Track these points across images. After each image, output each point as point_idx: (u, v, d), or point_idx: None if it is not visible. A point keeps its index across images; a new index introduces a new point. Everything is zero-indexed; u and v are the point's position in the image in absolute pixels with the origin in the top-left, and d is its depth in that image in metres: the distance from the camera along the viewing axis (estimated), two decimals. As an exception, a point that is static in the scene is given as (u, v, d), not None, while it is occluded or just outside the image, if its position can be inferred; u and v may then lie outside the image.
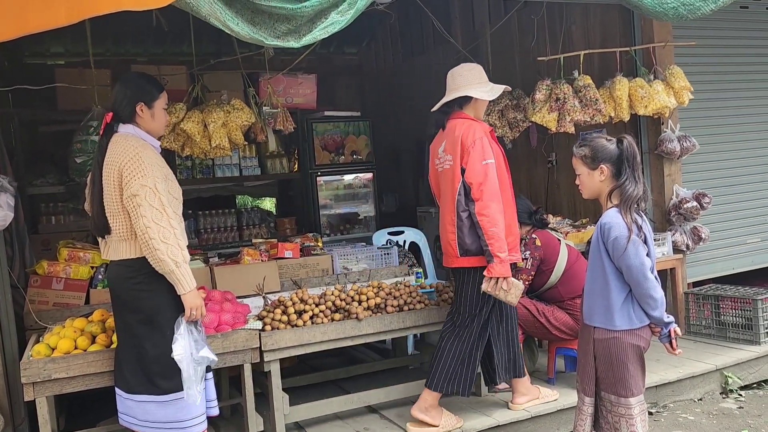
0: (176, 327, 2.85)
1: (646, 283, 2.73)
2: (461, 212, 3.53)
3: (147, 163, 2.83)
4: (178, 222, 2.88)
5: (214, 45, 6.80)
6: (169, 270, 2.79)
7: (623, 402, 2.84)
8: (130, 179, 2.80)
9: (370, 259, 4.95)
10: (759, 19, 5.54)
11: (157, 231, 2.76)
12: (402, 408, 4.00)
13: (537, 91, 4.84)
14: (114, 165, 2.85)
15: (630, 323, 2.80)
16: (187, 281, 2.83)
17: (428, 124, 8.16)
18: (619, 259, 2.75)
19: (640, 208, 2.84)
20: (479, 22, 6.86)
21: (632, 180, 2.80)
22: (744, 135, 5.51)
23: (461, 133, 3.58)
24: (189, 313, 2.86)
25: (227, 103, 4.42)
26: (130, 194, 2.79)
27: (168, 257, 2.76)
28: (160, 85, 3.13)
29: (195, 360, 2.84)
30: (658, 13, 3.96)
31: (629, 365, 2.82)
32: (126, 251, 2.91)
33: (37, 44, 6.96)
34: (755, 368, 4.62)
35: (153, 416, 2.92)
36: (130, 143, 2.88)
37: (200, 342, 2.89)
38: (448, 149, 3.65)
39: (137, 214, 2.78)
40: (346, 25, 3.12)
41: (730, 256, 5.45)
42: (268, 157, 7.10)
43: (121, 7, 2.60)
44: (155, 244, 2.75)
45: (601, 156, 2.88)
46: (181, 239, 2.84)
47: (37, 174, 6.00)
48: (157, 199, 2.79)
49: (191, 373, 2.82)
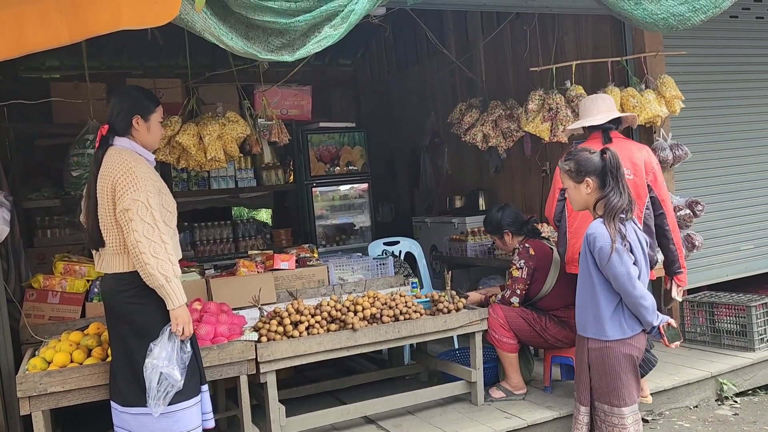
0: (165, 331, 2.85)
1: (634, 292, 2.77)
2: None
3: (140, 178, 2.85)
4: (170, 236, 2.89)
5: (209, 58, 6.83)
6: (159, 284, 2.80)
7: (616, 412, 2.86)
8: (122, 193, 2.81)
9: (365, 269, 4.96)
10: (749, 29, 5.59)
11: (147, 245, 2.77)
12: (399, 418, 4.00)
13: (530, 101, 4.88)
14: (108, 178, 2.87)
15: (622, 333, 2.84)
16: (176, 296, 2.84)
17: (423, 134, 8.18)
18: (605, 269, 2.80)
19: (626, 219, 2.86)
20: (472, 34, 6.91)
21: (616, 191, 2.84)
22: (736, 143, 5.55)
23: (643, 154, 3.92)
24: (175, 327, 2.86)
25: (222, 116, 4.45)
26: (123, 208, 2.81)
27: (158, 272, 2.77)
28: (156, 99, 3.15)
29: (162, 374, 2.82)
30: (648, 23, 4.01)
31: (622, 375, 2.84)
32: (119, 265, 2.92)
33: (32, 58, 6.96)
34: (750, 375, 4.63)
35: (149, 428, 2.92)
36: (123, 157, 2.90)
37: (173, 360, 2.86)
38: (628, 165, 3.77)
39: (129, 228, 2.79)
40: (339, 39, 3.15)
41: (724, 263, 5.47)
42: (263, 169, 7.12)
43: (120, 26, 2.62)
44: (145, 259, 2.76)
45: (585, 169, 2.93)
46: (172, 254, 2.85)
47: (32, 188, 6.00)
48: (149, 213, 2.81)
49: (153, 384, 2.81)
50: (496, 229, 4.41)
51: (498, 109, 5.35)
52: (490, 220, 4.45)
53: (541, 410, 3.98)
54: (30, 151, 6.58)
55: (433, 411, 4.10)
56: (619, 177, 2.87)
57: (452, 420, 3.93)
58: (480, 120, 5.42)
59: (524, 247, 4.23)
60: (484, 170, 6.85)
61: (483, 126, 5.37)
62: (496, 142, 5.39)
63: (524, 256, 4.19)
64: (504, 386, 4.22)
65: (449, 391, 4.17)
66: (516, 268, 4.19)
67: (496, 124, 5.36)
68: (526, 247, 4.22)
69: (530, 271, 4.17)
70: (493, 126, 5.35)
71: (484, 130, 5.37)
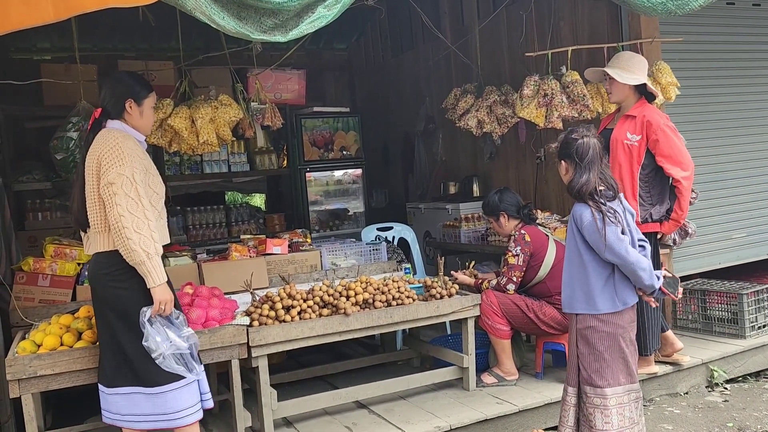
0: (144, 323, 2.81)
1: (628, 257, 2.85)
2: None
3: (126, 154, 2.82)
4: (154, 215, 2.86)
5: (201, 40, 6.76)
6: (140, 260, 2.76)
7: (599, 392, 2.91)
8: (108, 168, 2.79)
9: (358, 254, 4.95)
10: (746, 16, 5.57)
11: (130, 220, 2.74)
12: (390, 403, 4.01)
13: (525, 86, 4.84)
14: (94, 155, 2.85)
15: (613, 306, 2.92)
16: (157, 274, 2.80)
17: (417, 119, 8.14)
18: (595, 242, 2.88)
19: (609, 197, 2.95)
20: (468, 18, 6.86)
21: (579, 173, 2.95)
22: (731, 131, 5.54)
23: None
24: (157, 307, 2.83)
25: (215, 99, 4.41)
26: (107, 182, 2.77)
27: (140, 247, 2.74)
28: (150, 85, 3.15)
29: (173, 354, 2.82)
30: (646, 8, 3.97)
31: (605, 354, 2.90)
32: (101, 244, 2.89)
33: (23, 39, 6.89)
34: (740, 362, 4.66)
35: (140, 408, 2.91)
36: (112, 134, 2.89)
37: (172, 333, 2.85)
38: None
39: (112, 202, 2.75)
40: (333, 20, 3.11)
41: (716, 251, 5.48)
42: (256, 153, 7.09)
43: (107, 4, 2.59)
44: (127, 233, 2.73)
45: (561, 153, 3.07)
46: (155, 231, 2.81)
47: (23, 170, 5.96)
48: (133, 188, 2.78)
49: (174, 366, 2.81)
50: (493, 210, 4.41)
51: (493, 94, 5.33)
52: (488, 202, 4.46)
53: (532, 395, 3.99)
54: (21, 133, 6.53)
55: (424, 396, 4.10)
56: (584, 161, 2.95)
57: (444, 405, 3.94)
58: (474, 106, 5.39)
59: (520, 233, 4.22)
60: (479, 156, 6.83)
61: (477, 112, 5.34)
62: (491, 128, 5.36)
63: (521, 242, 4.18)
64: (496, 372, 4.23)
65: (441, 377, 4.18)
66: (512, 255, 4.18)
67: (491, 110, 5.34)
68: (522, 233, 4.21)
69: (526, 257, 4.16)
70: (487, 112, 5.33)
71: (479, 116, 5.34)
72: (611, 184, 2.98)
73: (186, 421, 2.95)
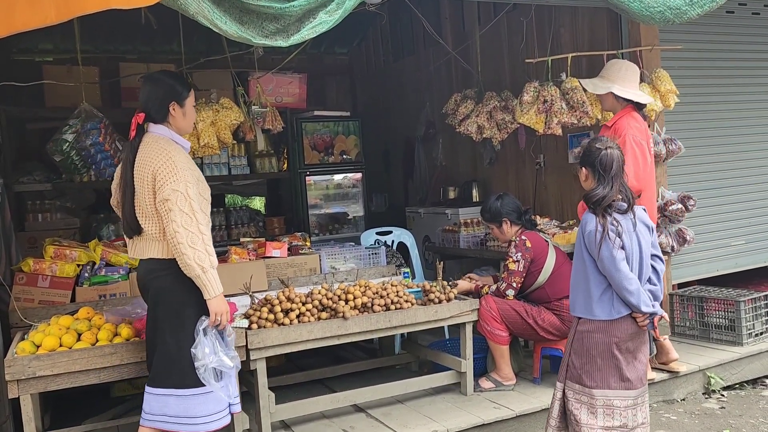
0: (199, 330, 2.85)
1: (617, 275, 2.90)
2: None
3: (180, 167, 2.86)
4: (208, 227, 2.92)
5: (203, 43, 6.78)
6: (196, 275, 2.82)
7: (587, 391, 2.97)
8: (163, 183, 2.83)
9: (357, 258, 4.96)
10: (744, 24, 5.59)
11: (185, 236, 2.79)
12: (388, 407, 4.01)
13: (525, 93, 4.86)
14: (147, 167, 2.87)
15: (609, 314, 2.96)
16: (213, 286, 2.85)
17: (417, 124, 8.15)
18: (592, 252, 2.96)
19: (622, 211, 2.99)
20: (469, 24, 6.89)
21: (601, 185, 2.99)
22: (729, 138, 5.56)
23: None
24: (214, 318, 2.87)
25: (216, 102, 4.43)
26: (162, 198, 2.82)
27: (195, 262, 2.79)
28: (188, 83, 3.18)
29: (214, 367, 2.85)
30: (644, 16, 4.00)
31: (598, 359, 2.98)
32: (158, 251, 2.94)
33: (25, 41, 6.91)
34: (737, 369, 4.67)
35: (171, 410, 2.92)
36: (162, 146, 2.91)
37: (220, 349, 2.89)
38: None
39: (168, 218, 2.81)
40: (335, 25, 3.13)
41: (714, 258, 5.50)
42: (257, 157, 7.10)
43: (109, 5, 2.60)
44: (183, 249, 2.79)
45: (583, 160, 3.07)
46: (209, 244, 2.87)
47: (24, 171, 5.97)
48: (187, 203, 2.83)
49: (211, 381, 2.85)
50: (495, 216, 4.39)
51: (493, 100, 5.35)
52: (489, 208, 4.42)
53: (529, 401, 4.00)
54: (22, 134, 6.54)
55: (422, 400, 4.11)
56: (609, 173, 2.98)
57: (441, 409, 3.94)
58: (475, 111, 5.41)
59: (521, 239, 4.22)
60: (478, 162, 6.84)
61: (478, 117, 5.36)
62: (491, 133, 5.38)
63: (521, 248, 4.18)
64: (494, 377, 4.24)
65: (439, 381, 4.19)
66: (513, 261, 4.18)
67: (491, 116, 5.35)
68: (524, 239, 4.21)
69: (527, 263, 4.17)
70: (487, 117, 5.35)
71: (479, 121, 5.36)
72: (628, 197, 3.02)
73: (215, 425, 2.95)
